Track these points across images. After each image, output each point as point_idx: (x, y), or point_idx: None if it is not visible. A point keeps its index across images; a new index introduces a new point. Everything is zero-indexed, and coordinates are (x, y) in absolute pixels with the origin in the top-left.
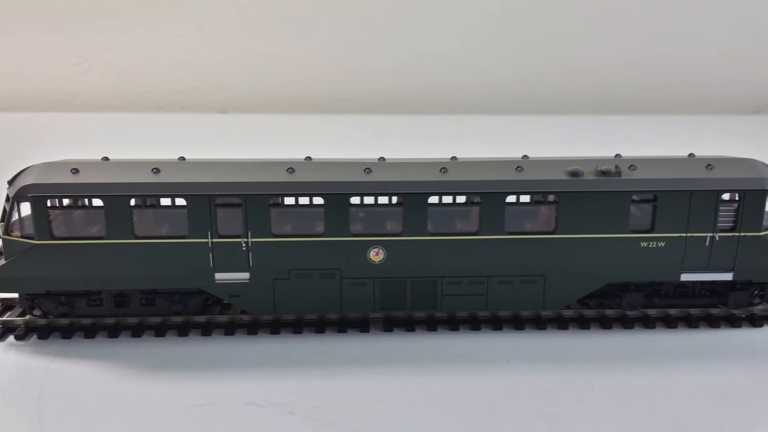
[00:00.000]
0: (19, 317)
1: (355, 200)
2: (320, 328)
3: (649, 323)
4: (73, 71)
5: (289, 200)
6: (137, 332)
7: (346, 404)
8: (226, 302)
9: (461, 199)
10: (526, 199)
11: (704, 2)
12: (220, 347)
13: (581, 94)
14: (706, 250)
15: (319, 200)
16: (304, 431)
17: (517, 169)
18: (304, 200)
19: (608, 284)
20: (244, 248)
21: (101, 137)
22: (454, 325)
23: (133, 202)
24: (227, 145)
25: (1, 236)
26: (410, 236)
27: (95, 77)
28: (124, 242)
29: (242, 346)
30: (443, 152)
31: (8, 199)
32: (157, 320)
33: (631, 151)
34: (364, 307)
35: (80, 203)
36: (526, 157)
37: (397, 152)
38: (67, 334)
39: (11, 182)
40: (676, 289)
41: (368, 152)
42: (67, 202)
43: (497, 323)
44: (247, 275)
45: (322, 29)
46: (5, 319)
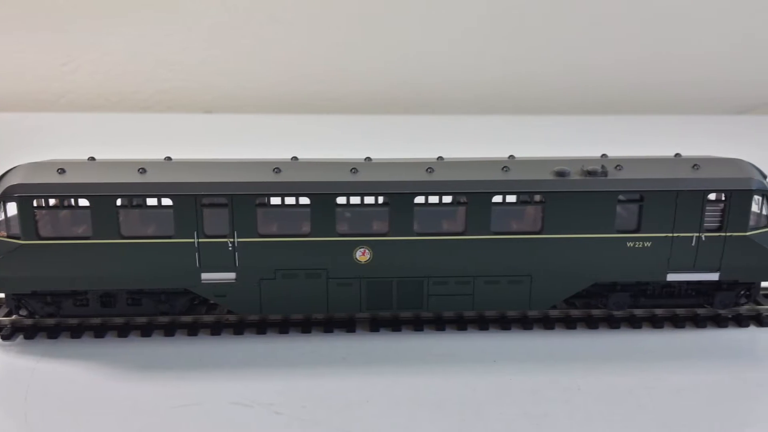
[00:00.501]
0: (5, 317)
1: (341, 200)
2: (307, 328)
3: (635, 323)
4: (59, 71)
5: (275, 200)
6: (124, 332)
7: (332, 404)
8: (212, 302)
9: (447, 199)
10: (512, 199)
11: (691, 3)
12: (206, 347)
13: (567, 94)
14: (692, 250)
15: (305, 200)
16: (290, 431)
17: (503, 169)
18: (290, 200)
19: (594, 284)
20: (230, 248)
21: (88, 137)
22: (440, 325)
23: (119, 202)
24: (214, 145)
25: None
26: (396, 236)
27: (82, 77)
28: (110, 242)
29: (229, 346)
30: (430, 152)
31: None
32: (143, 320)
33: (617, 151)
34: (350, 307)
35: (66, 203)
36: (512, 157)
37: (383, 152)
38: (53, 334)
39: None
40: (662, 289)
41: (355, 152)
42: (53, 202)
43: (484, 323)
44: (233, 275)
45: (309, 29)
46: None
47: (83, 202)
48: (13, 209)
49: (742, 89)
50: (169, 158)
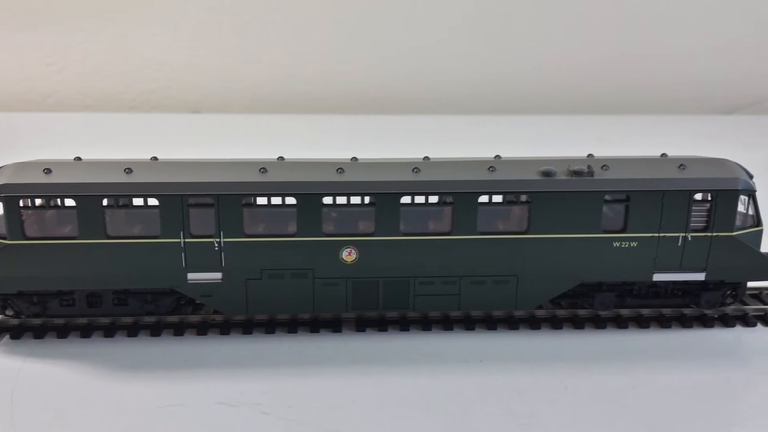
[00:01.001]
0: None
1: (327, 200)
2: (293, 328)
3: (621, 323)
4: (46, 71)
5: (261, 200)
6: (110, 332)
7: (318, 404)
8: (198, 302)
9: (434, 199)
10: (498, 199)
11: (678, 3)
12: (192, 347)
13: (554, 94)
14: (678, 250)
15: (291, 200)
16: (276, 431)
17: (489, 169)
18: (276, 200)
19: (581, 284)
20: (216, 248)
21: (74, 137)
22: (426, 325)
23: (105, 202)
24: (200, 145)
25: None
26: (383, 236)
27: (68, 77)
28: (96, 242)
29: (215, 346)
30: (416, 152)
31: None
32: (129, 320)
33: (603, 151)
34: (336, 307)
35: (53, 203)
36: (498, 157)
37: (369, 152)
38: (39, 334)
39: None
40: (648, 289)
41: (341, 152)
42: (39, 202)
43: (470, 323)
44: (219, 275)
45: (296, 30)
46: None
47: (69, 202)
48: None
49: (728, 89)
50: (155, 158)
